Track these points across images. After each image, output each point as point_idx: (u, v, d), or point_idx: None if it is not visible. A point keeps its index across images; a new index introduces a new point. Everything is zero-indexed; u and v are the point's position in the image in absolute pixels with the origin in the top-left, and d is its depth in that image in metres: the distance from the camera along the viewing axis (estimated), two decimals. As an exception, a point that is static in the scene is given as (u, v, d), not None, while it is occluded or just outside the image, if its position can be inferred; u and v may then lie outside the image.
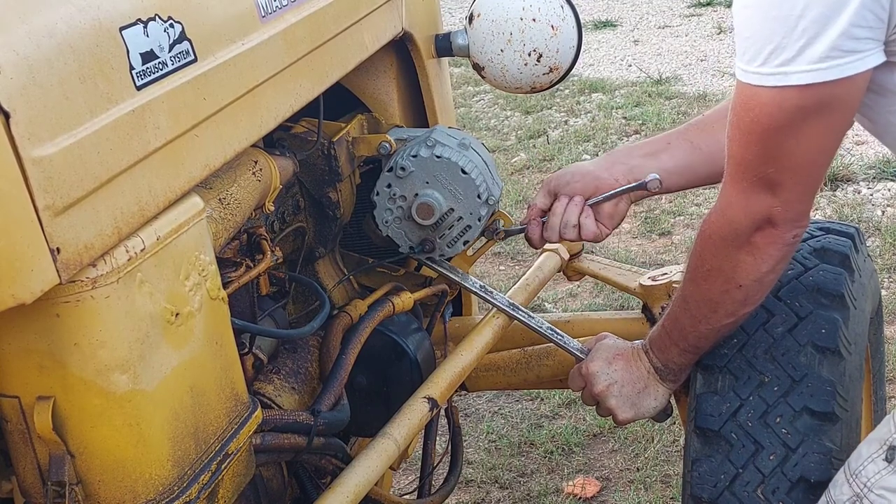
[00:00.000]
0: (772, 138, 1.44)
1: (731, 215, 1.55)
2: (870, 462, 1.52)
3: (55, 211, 1.09)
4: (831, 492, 1.57)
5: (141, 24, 1.24)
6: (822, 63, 1.36)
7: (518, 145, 5.43)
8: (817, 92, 1.38)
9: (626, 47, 7.07)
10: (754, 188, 1.50)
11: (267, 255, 1.65)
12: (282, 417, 1.64)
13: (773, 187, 1.49)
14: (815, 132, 1.43)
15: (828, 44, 1.35)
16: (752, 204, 1.51)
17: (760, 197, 1.50)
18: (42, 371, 1.19)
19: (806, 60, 1.36)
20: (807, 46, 1.35)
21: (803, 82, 1.37)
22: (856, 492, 1.52)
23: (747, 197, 1.51)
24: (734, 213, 1.54)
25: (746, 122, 1.45)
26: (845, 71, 1.37)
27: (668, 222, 4.43)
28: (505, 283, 3.90)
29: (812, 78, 1.37)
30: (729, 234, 1.56)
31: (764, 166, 1.47)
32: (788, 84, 1.38)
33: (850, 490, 1.53)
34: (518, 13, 2.05)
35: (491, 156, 2.00)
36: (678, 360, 1.78)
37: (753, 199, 1.51)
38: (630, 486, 2.92)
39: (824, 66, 1.36)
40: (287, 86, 1.58)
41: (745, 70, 1.42)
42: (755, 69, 1.40)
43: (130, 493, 1.25)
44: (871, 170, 4.60)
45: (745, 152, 1.49)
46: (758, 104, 1.43)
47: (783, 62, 1.37)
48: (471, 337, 2.00)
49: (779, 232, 1.53)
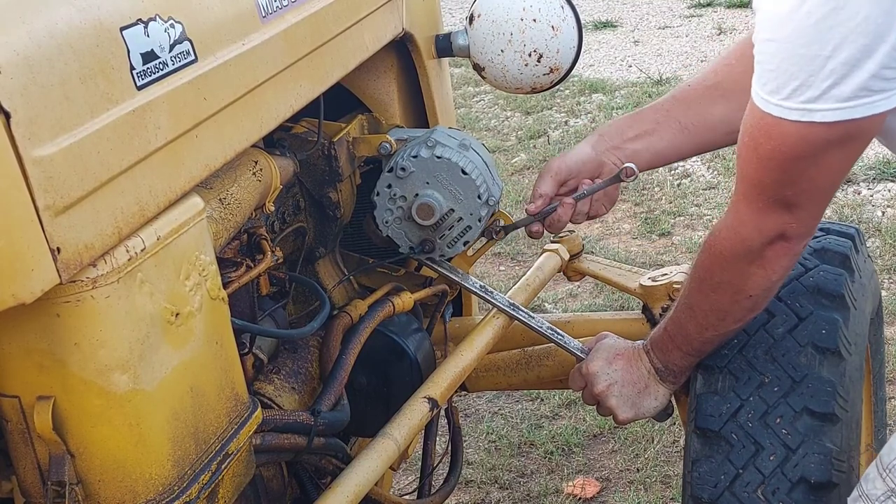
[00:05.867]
0: (794, 167, 1.42)
1: (745, 233, 1.54)
2: None
3: (55, 211, 1.09)
4: (864, 486, 1.56)
5: (141, 25, 1.24)
6: (849, 102, 1.33)
7: (518, 146, 5.43)
8: (843, 127, 1.36)
9: (626, 48, 7.07)
10: (769, 208, 1.49)
11: (267, 256, 1.65)
12: (282, 417, 1.64)
13: (789, 207, 1.48)
14: (837, 160, 1.42)
15: (856, 85, 1.31)
16: (767, 222, 1.51)
17: (775, 216, 1.49)
18: (42, 371, 1.19)
19: (833, 99, 1.33)
20: (834, 86, 1.32)
21: (829, 120, 1.35)
22: (891, 487, 1.51)
23: (762, 216, 1.50)
24: (747, 232, 1.54)
25: (767, 149, 1.43)
26: (873, 109, 1.34)
27: (668, 223, 4.43)
28: (505, 283, 3.90)
29: (838, 116, 1.34)
30: (742, 250, 1.56)
31: (782, 189, 1.46)
32: (813, 121, 1.35)
33: (885, 485, 1.52)
34: (518, 14, 2.05)
35: (491, 156, 2.00)
36: (680, 362, 1.79)
37: (768, 217, 1.50)
38: (630, 486, 2.92)
39: (851, 104, 1.33)
40: (287, 86, 1.58)
41: (766, 100, 1.39)
42: (778, 101, 1.37)
43: (130, 493, 1.25)
44: (871, 171, 4.60)
45: (762, 176, 1.47)
46: (780, 134, 1.40)
47: (808, 99, 1.34)
48: (471, 337, 2.00)
49: (791, 245, 1.53)
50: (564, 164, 1.94)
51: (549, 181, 1.94)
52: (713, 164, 4.88)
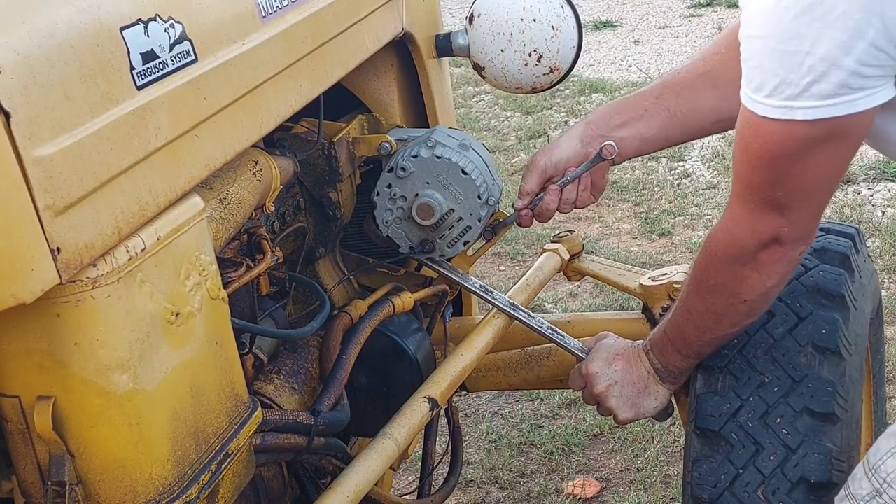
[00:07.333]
0: (780, 165, 1.42)
1: (738, 234, 1.54)
2: (889, 457, 1.52)
3: (56, 211, 1.09)
4: (850, 486, 1.57)
5: (141, 24, 1.24)
6: (829, 100, 1.33)
7: (518, 146, 5.43)
8: (826, 125, 1.36)
9: (626, 48, 7.06)
10: (762, 209, 1.49)
11: (267, 255, 1.65)
12: (282, 417, 1.64)
13: (781, 209, 1.48)
14: (823, 159, 1.41)
15: (836, 82, 1.31)
16: (760, 224, 1.50)
17: (768, 217, 1.49)
18: (42, 371, 1.19)
19: (813, 97, 1.33)
20: (814, 83, 1.32)
21: (810, 118, 1.35)
22: (875, 487, 1.52)
23: (755, 217, 1.50)
24: (741, 232, 1.54)
25: (755, 147, 1.43)
26: (853, 108, 1.34)
27: (668, 223, 4.43)
28: (505, 283, 3.90)
29: (819, 114, 1.34)
30: (735, 252, 1.56)
31: (772, 190, 1.46)
32: (794, 119, 1.35)
33: (870, 485, 1.53)
34: (518, 13, 2.05)
35: (491, 156, 2.00)
36: (679, 364, 1.79)
37: (761, 219, 1.50)
38: (630, 486, 2.92)
39: (831, 102, 1.33)
40: (287, 86, 1.58)
41: (752, 98, 1.40)
42: (761, 99, 1.38)
43: (130, 493, 1.25)
44: (871, 170, 4.60)
45: (752, 176, 1.47)
46: (766, 132, 1.40)
47: (789, 97, 1.34)
48: (471, 337, 2.00)
49: (785, 250, 1.53)
50: (550, 161, 1.92)
51: (535, 178, 1.92)
52: (713, 164, 4.88)
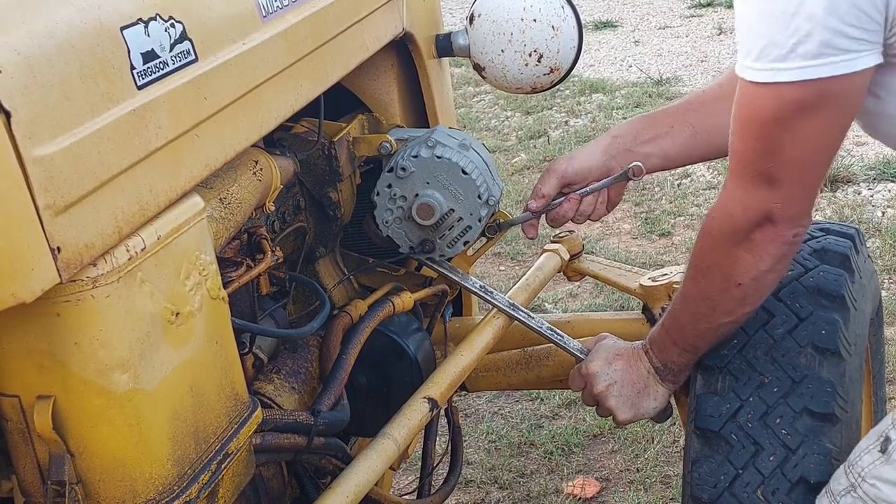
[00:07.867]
0: (769, 132, 1.44)
1: (732, 210, 1.56)
2: (865, 453, 1.54)
3: (56, 210, 1.09)
4: (830, 483, 1.59)
5: (142, 24, 1.24)
6: (815, 60, 1.36)
7: (518, 146, 5.43)
8: (813, 88, 1.38)
9: (626, 48, 7.07)
10: (754, 183, 1.50)
11: (267, 255, 1.65)
12: (282, 417, 1.64)
13: (772, 183, 1.49)
14: (811, 128, 1.43)
15: (820, 41, 1.35)
16: (752, 199, 1.52)
17: (760, 192, 1.50)
18: (42, 370, 1.19)
19: (799, 58, 1.36)
20: (799, 44, 1.35)
21: (795, 79, 1.38)
22: (851, 482, 1.54)
23: (747, 192, 1.52)
24: (734, 208, 1.55)
25: (745, 115, 1.47)
26: (839, 69, 1.37)
27: (668, 223, 4.43)
28: (505, 283, 3.90)
29: (804, 75, 1.37)
30: (729, 229, 1.57)
31: (762, 161, 1.48)
32: (780, 80, 1.38)
33: (847, 480, 1.55)
34: (519, 13, 2.05)
35: (491, 156, 2.00)
36: (678, 360, 1.79)
37: (753, 194, 1.51)
38: (630, 486, 2.92)
39: (817, 63, 1.36)
40: (288, 86, 1.58)
41: (742, 64, 1.43)
42: (750, 64, 1.41)
43: (130, 493, 1.25)
44: (872, 171, 4.60)
45: (744, 146, 1.49)
46: (755, 98, 1.43)
47: (776, 58, 1.38)
48: (471, 337, 2.00)
49: (778, 230, 1.53)
50: (571, 168, 1.94)
51: (554, 182, 1.95)
52: (713, 164, 4.88)
